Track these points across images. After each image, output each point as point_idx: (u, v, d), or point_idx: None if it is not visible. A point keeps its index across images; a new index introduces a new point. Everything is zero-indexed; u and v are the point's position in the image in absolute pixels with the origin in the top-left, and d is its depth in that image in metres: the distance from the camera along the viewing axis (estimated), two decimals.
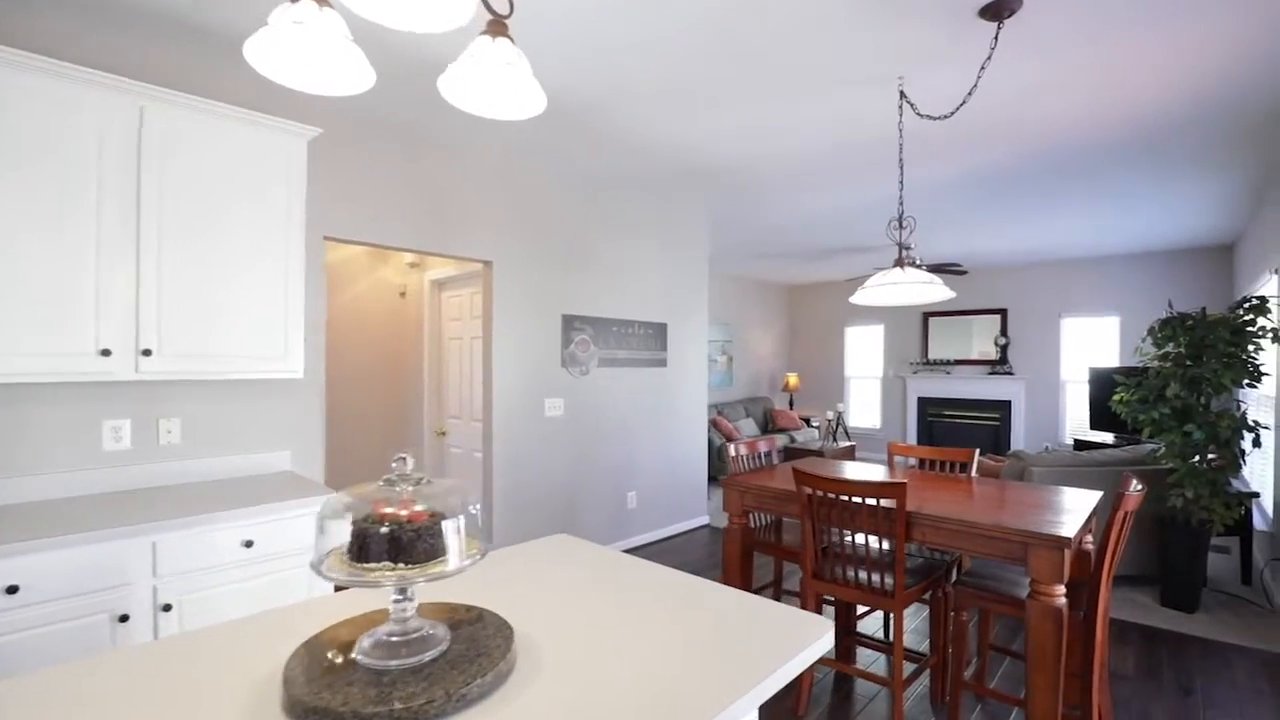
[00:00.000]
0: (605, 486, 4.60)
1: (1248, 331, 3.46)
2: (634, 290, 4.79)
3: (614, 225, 4.62)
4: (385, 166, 3.39)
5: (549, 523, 4.21)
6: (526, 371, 4.06)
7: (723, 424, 7.45)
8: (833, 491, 2.34)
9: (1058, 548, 1.94)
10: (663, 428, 5.04)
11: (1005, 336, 7.93)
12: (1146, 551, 3.94)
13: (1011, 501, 2.41)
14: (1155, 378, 3.67)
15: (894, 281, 2.58)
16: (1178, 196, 4.58)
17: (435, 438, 4.72)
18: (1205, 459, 3.48)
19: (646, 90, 2.89)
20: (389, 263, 4.97)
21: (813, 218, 5.28)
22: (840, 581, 2.43)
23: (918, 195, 4.57)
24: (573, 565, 1.65)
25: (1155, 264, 6.91)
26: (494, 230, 3.87)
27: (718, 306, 8.65)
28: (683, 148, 3.64)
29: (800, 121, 3.19)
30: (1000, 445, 7.98)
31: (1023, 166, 3.89)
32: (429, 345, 4.72)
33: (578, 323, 4.35)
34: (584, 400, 4.42)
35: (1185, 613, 3.60)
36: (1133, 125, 3.23)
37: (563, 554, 1.75)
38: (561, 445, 4.28)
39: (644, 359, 4.85)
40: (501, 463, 3.93)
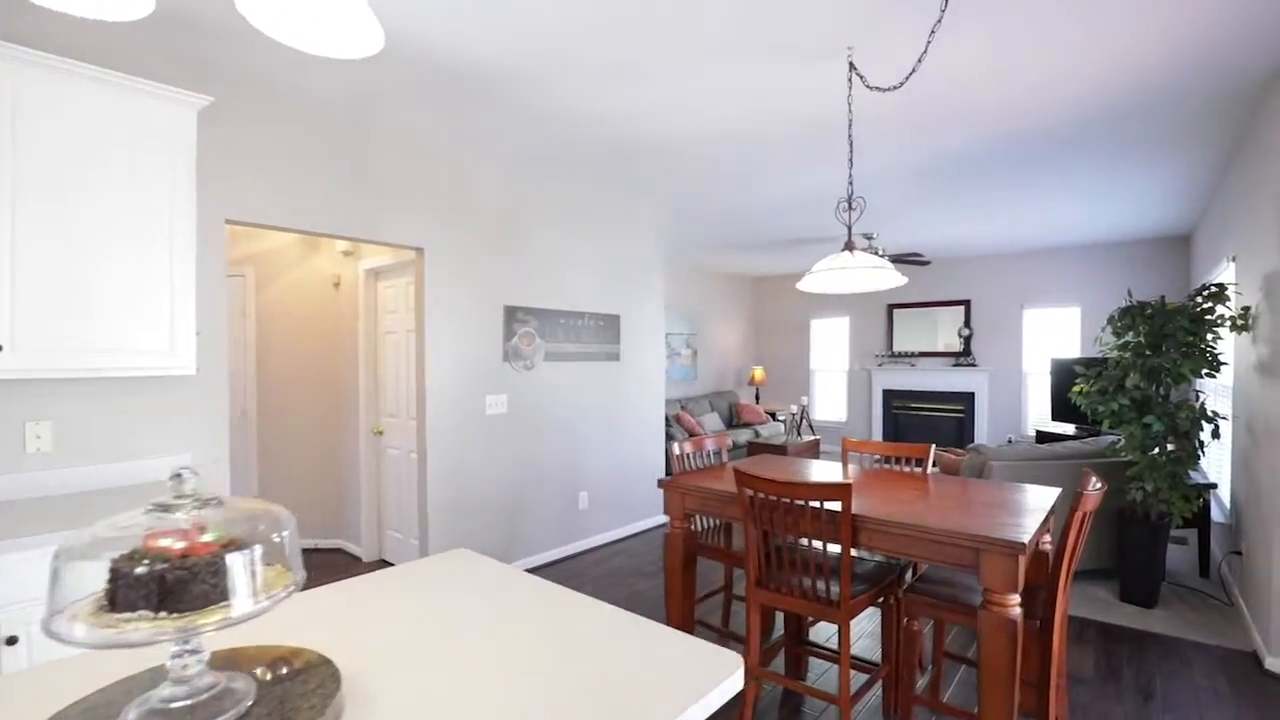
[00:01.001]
0: (554, 487, 4.37)
1: (1206, 320, 3.36)
2: (583, 280, 4.56)
3: (560, 212, 4.38)
4: (301, 145, 3.10)
5: (491, 528, 3.97)
6: (465, 367, 3.81)
7: (685, 419, 7.26)
8: (774, 493, 2.15)
9: (1011, 554, 1.77)
10: (617, 424, 4.83)
11: (969, 328, 7.88)
12: (1105, 545, 3.85)
13: (966, 501, 2.25)
14: (1115, 368, 3.57)
15: (841, 266, 2.39)
16: (1136, 185, 4.50)
17: (372, 437, 4.43)
18: (1165, 451, 3.38)
19: (580, 63, 2.66)
20: (321, 251, 4.66)
21: (770, 205, 5.10)
22: (785, 590, 2.24)
23: (876, 183, 4.41)
24: (456, 590, 1.42)
25: (1115, 254, 6.90)
26: (426, 215, 3.60)
27: (681, 299, 8.46)
28: (624, 125, 3.42)
29: (746, 96, 2.98)
30: (965, 437, 7.94)
31: (980, 154, 3.75)
32: (364, 339, 4.43)
33: (521, 314, 4.10)
34: (529, 396, 4.18)
35: (1144, 608, 3.51)
36: (1087, 109, 3.10)
37: (451, 575, 1.52)
38: (505, 444, 4.04)
39: (595, 352, 4.62)
40: (438, 465, 3.68)
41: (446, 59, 2.67)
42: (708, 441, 2.98)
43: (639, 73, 2.75)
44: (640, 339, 5.04)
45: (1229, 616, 3.39)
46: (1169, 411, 3.33)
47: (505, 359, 4.02)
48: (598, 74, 2.78)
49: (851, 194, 2.50)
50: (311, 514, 4.64)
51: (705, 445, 2.97)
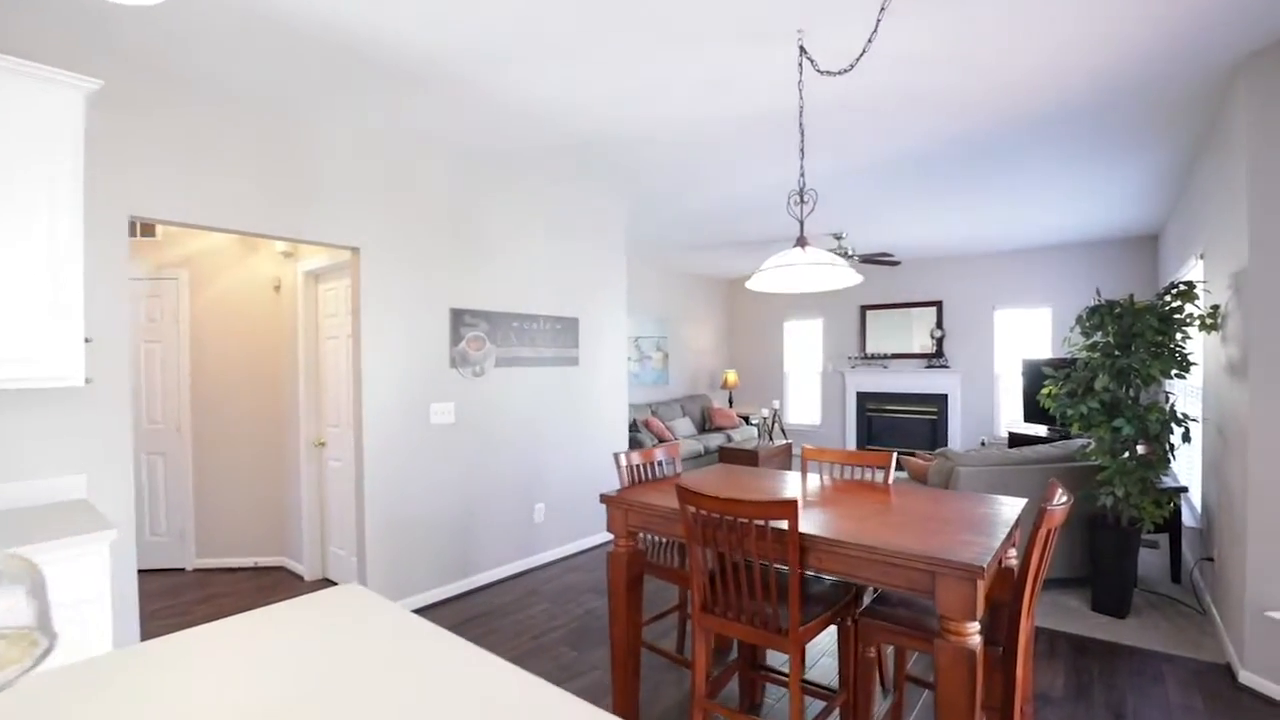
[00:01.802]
0: (507, 500, 4.15)
1: (1175, 319, 3.25)
2: (539, 282, 4.35)
3: (512, 209, 4.18)
4: (220, 137, 2.86)
5: (438, 544, 3.74)
6: (407, 373, 3.58)
7: (655, 424, 7.08)
8: (717, 511, 1.97)
9: (969, 578, 1.61)
10: (576, 432, 4.63)
11: (941, 329, 7.80)
12: (1077, 553, 3.73)
13: (925, 517, 2.08)
14: (1083, 369, 3.45)
15: (790, 263, 2.22)
16: (1102, 182, 4.41)
17: (313, 449, 4.18)
18: (1134, 455, 3.26)
19: (522, 50, 2.46)
20: (261, 252, 4.40)
21: (738, 204, 4.94)
22: (732, 615, 2.06)
23: (840, 180, 4.27)
24: (324, 642, 1.20)
25: (1084, 255, 6.85)
26: (362, 213, 3.37)
27: (652, 301, 8.28)
28: (575, 117, 3.23)
29: (697, 84, 2.81)
30: (938, 439, 7.85)
31: (941, 148, 3.62)
32: (304, 345, 4.18)
33: (469, 317, 3.89)
34: (479, 404, 3.96)
35: (1116, 618, 3.39)
36: (1048, 100, 2.97)
37: (325, 621, 1.31)
38: (453, 455, 3.81)
39: (552, 357, 4.42)
40: (377, 478, 3.45)
41: (378, 47, 2.46)
42: (658, 452, 2.79)
43: (584, 58, 2.56)
44: (601, 343, 4.84)
45: (1201, 626, 3.28)
46: (1139, 414, 3.21)
47: (453, 365, 3.80)
48: (540, 61, 2.59)
49: (803, 186, 2.34)
50: (252, 530, 4.38)
51: (655, 456, 2.78)
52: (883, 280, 8.25)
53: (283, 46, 2.51)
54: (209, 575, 4.26)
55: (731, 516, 1.95)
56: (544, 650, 3.11)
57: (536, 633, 3.33)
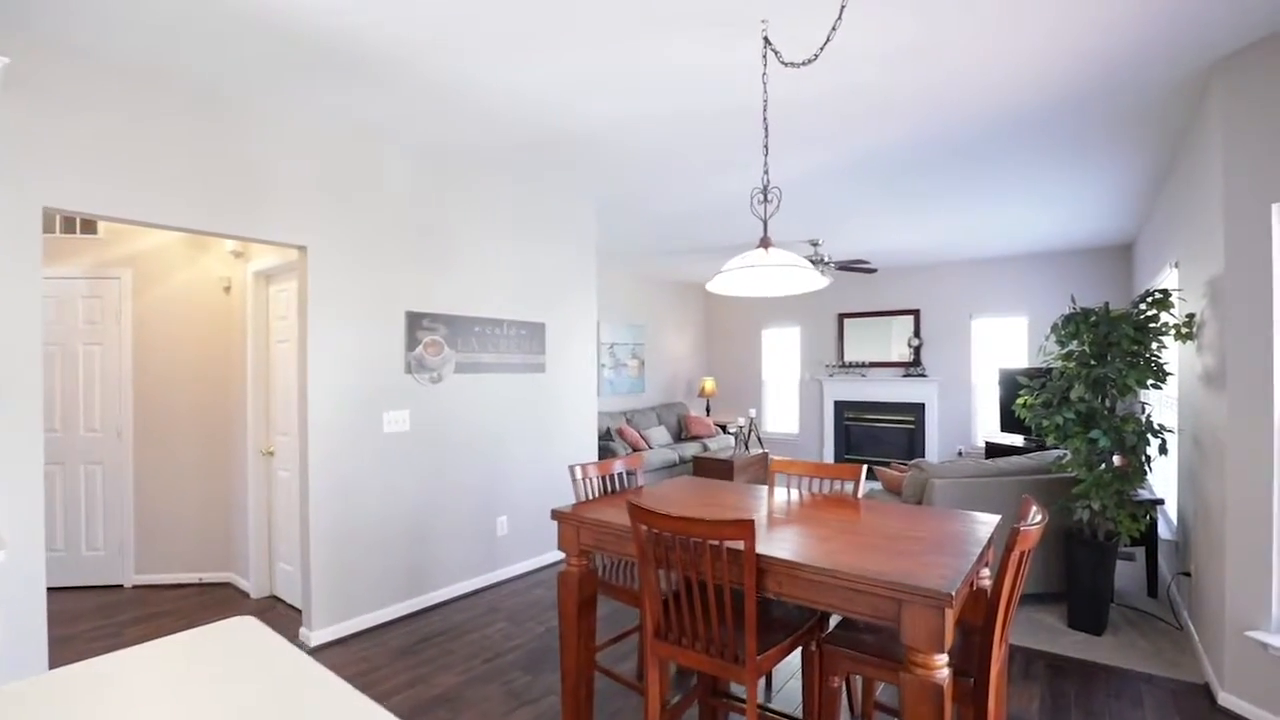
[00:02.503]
0: (467, 512, 3.96)
1: (1151, 328, 3.18)
2: (503, 284, 4.19)
3: (475, 209, 4.01)
4: (153, 125, 2.67)
5: (391, 559, 3.55)
6: (358, 379, 3.39)
7: (629, 433, 6.92)
8: (669, 530, 1.82)
9: (936, 606, 1.47)
10: (542, 441, 4.46)
11: (918, 338, 7.75)
12: (1054, 567, 3.63)
13: (893, 536, 1.95)
14: (1059, 379, 3.36)
15: (752, 264, 2.09)
16: (1076, 189, 4.36)
17: (262, 458, 3.96)
18: (1110, 467, 3.17)
19: (473, 38, 2.31)
20: (210, 251, 4.19)
21: (705, 206, 4.82)
22: (686, 642, 1.91)
23: (814, 184, 4.17)
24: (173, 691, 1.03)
25: (1060, 264, 6.84)
26: (309, 209, 3.19)
27: (628, 308, 8.14)
28: (535, 111, 3.08)
29: (660, 77, 2.68)
30: (915, 449, 7.78)
31: (916, 154, 3.53)
32: (253, 349, 3.97)
33: (427, 321, 3.71)
34: (437, 412, 3.78)
35: (1093, 635, 3.28)
36: (1023, 101, 2.89)
37: (192, 664, 1.13)
38: (408, 465, 3.63)
39: (516, 363, 4.25)
40: (324, 490, 3.25)
41: (324, 33, 2.29)
42: (616, 464, 2.64)
43: (542, 48, 2.42)
44: (569, 349, 4.68)
45: (1179, 642, 3.19)
46: (1115, 425, 3.12)
47: (408, 370, 3.62)
48: (497, 51, 2.44)
49: (767, 184, 2.21)
50: (197, 544, 4.14)
51: (614, 468, 2.63)
52: (861, 288, 8.19)
53: (223, 31, 2.33)
54: (149, 592, 4.02)
55: (685, 536, 1.80)
56: (496, 674, 2.93)
57: (491, 654, 3.15)
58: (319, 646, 3.22)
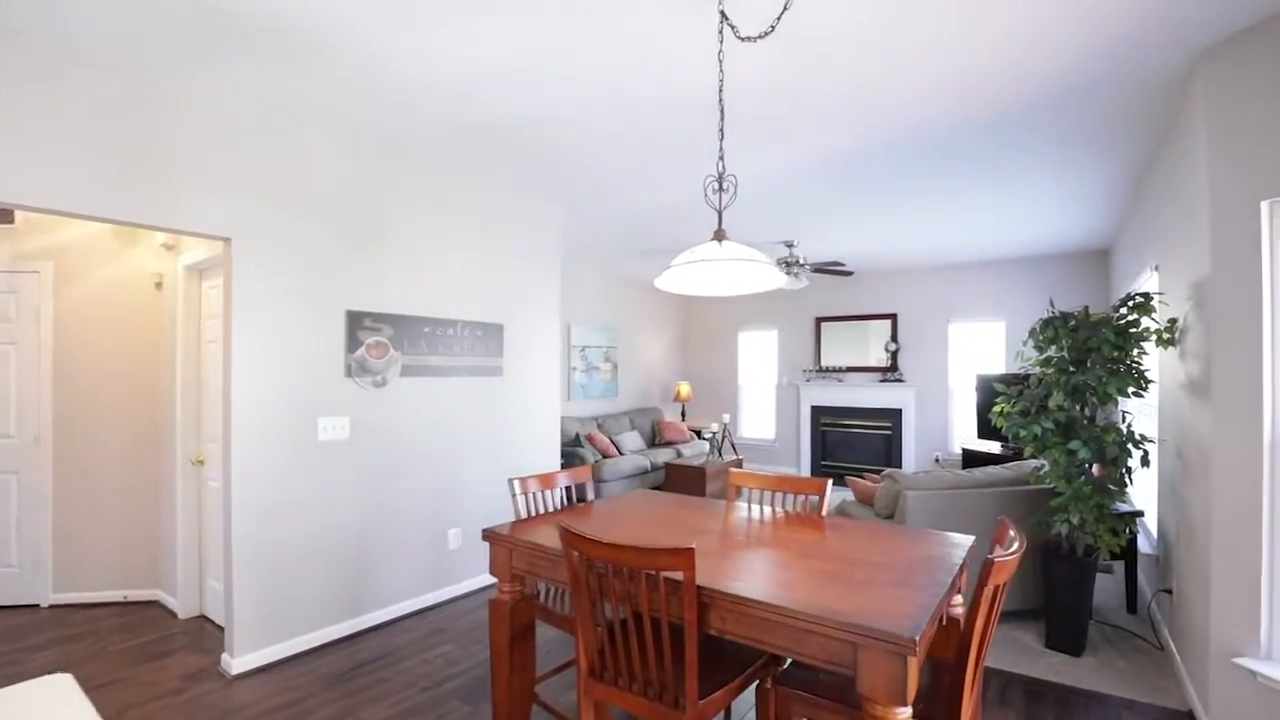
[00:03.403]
0: (415, 525, 3.71)
1: (1131, 333, 3.03)
2: (456, 284, 3.95)
3: (426, 203, 3.77)
4: (55, 101, 2.40)
5: (328, 576, 3.28)
6: (291, 383, 3.13)
7: (599, 439, 6.69)
8: (601, 557, 1.60)
9: (898, 653, 1.27)
10: (499, 448, 4.21)
11: (895, 342, 7.62)
12: (1031, 583, 3.47)
13: (855, 561, 1.75)
14: (1037, 386, 3.20)
15: (704, 258, 1.88)
16: (1052, 190, 4.23)
17: (191, 468, 3.68)
18: (1090, 479, 3.01)
19: (416, 10, 2.08)
20: (140, 244, 3.90)
21: (672, 204, 4.61)
22: (623, 683, 1.69)
23: (782, 182, 3.98)
24: None
25: (1037, 269, 6.75)
26: (236, 197, 2.93)
27: (600, 310, 7.91)
28: (482, 93, 2.85)
29: (612, 52, 2.47)
30: (893, 455, 7.65)
31: (887, 151, 3.36)
32: (183, 349, 3.69)
33: (370, 321, 3.46)
34: (380, 418, 3.52)
35: (1071, 656, 3.12)
36: (995, 101, 2.73)
37: None
38: (346, 476, 3.37)
39: (471, 366, 4.01)
40: (248, 502, 2.99)
41: (243, 7, 2.05)
42: (560, 477, 2.41)
43: (486, 13, 2.20)
44: (529, 352, 4.45)
45: (1160, 664, 3.03)
46: (1095, 435, 2.96)
47: (348, 374, 3.36)
48: (438, 20, 2.21)
49: (723, 172, 2.01)
50: (122, 560, 3.84)
51: (556, 481, 2.40)
52: (838, 292, 8.05)
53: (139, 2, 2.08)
54: (68, 613, 3.71)
55: (618, 565, 1.58)
56: (432, 706, 2.68)
57: (430, 682, 2.90)
58: (241, 675, 2.95)
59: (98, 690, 2.84)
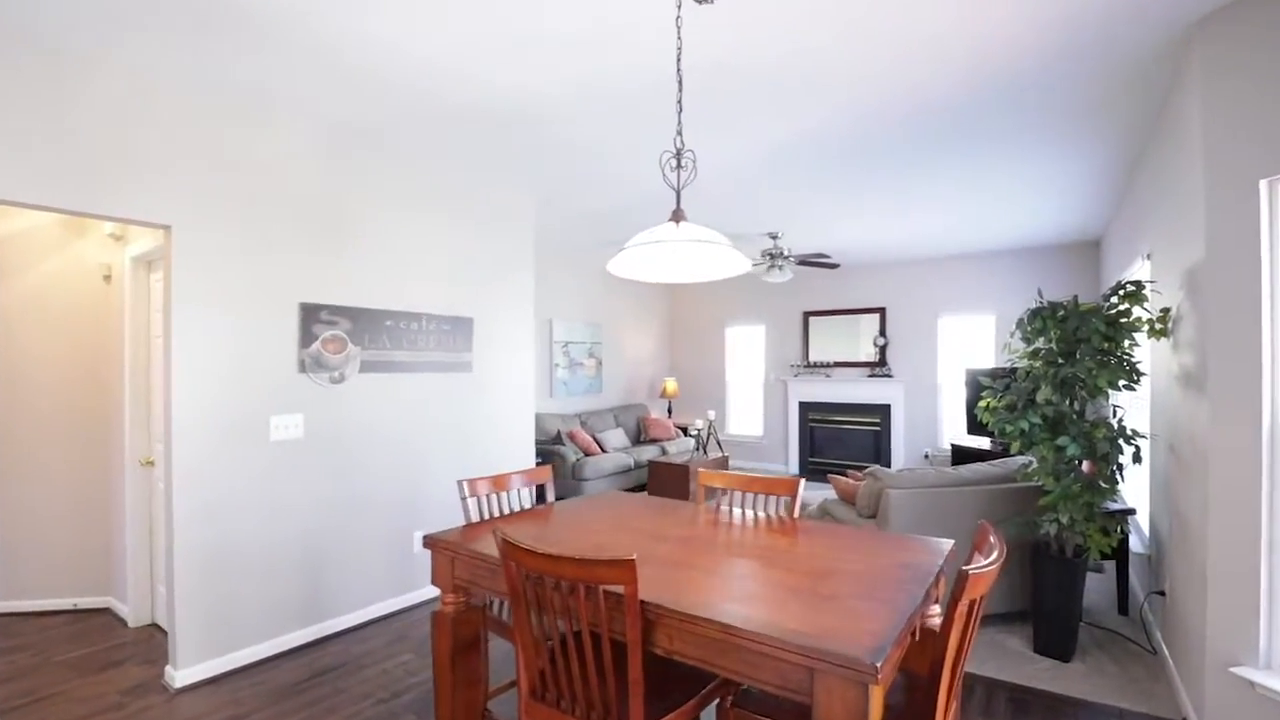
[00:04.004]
0: (377, 528, 3.54)
1: (1122, 324, 2.89)
2: (421, 276, 3.77)
3: (388, 192, 3.59)
4: None
5: (282, 582, 3.12)
6: (239, 380, 2.96)
7: (581, 436, 6.53)
8: (537, 569, 1.44)
9: (858, 680, 1.12)
10: (468, 447, 4.05)
11: (884, 337, 7.49)
12: (1019, 585, 3.33)
13: (820, 571, 1.60)
14: (1024, 380, 3.06)
15: (659, 240, 1.72)
16: (1044, 178, 4.09)
17: (141, 469, 3.50)
18: (1079, 477, 2.87)
19: None
20: (88, 235, 3.71)
21: (654, 195, 4.46)
22: (565, 706, 1.53)
23: (762, 169, 3.83)
24: None
25: (1027, 261, 6.62)
26: (177, 182, 2.75)
27: (584, 304, 7.74)
28: (444, 77, 2.68)
29: (579, 36, 2.31)
30: (881, 452, 7.52)
31: (865, 133, 3.21)
32: (131, 345, 3.51)
33: (326, 314, 3.28)
34: (338, 416, 3.35)
35: (1060, 661, 2.99)
36: (976, 80, 2.57)
37: None
38: (302, 476, 3.20)
39: (437, 362, 3.84)
40: (194, 508, 2.82)
41: None
42: (514, 478, 2.26)
43: None
44: (501, 347, 4.28)
45: (1153, 669, 2.90)
46: (1085, 431, 2.82)
47: (303, 370, 3.19)
48: (381, 7, 2.04)
49: (681, 148, 1.85)
50: (72, 565, 3.66)
51: (510, 483, 2.24)
52: (826, 285, 7.91)
53: None
54: (12, 622, 3.53)
55: (556, 578, 1.43)
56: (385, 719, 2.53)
57: (388, 693, 2.75)
58: (186, 688, 2.79)
59: (33, 705, 2.67)
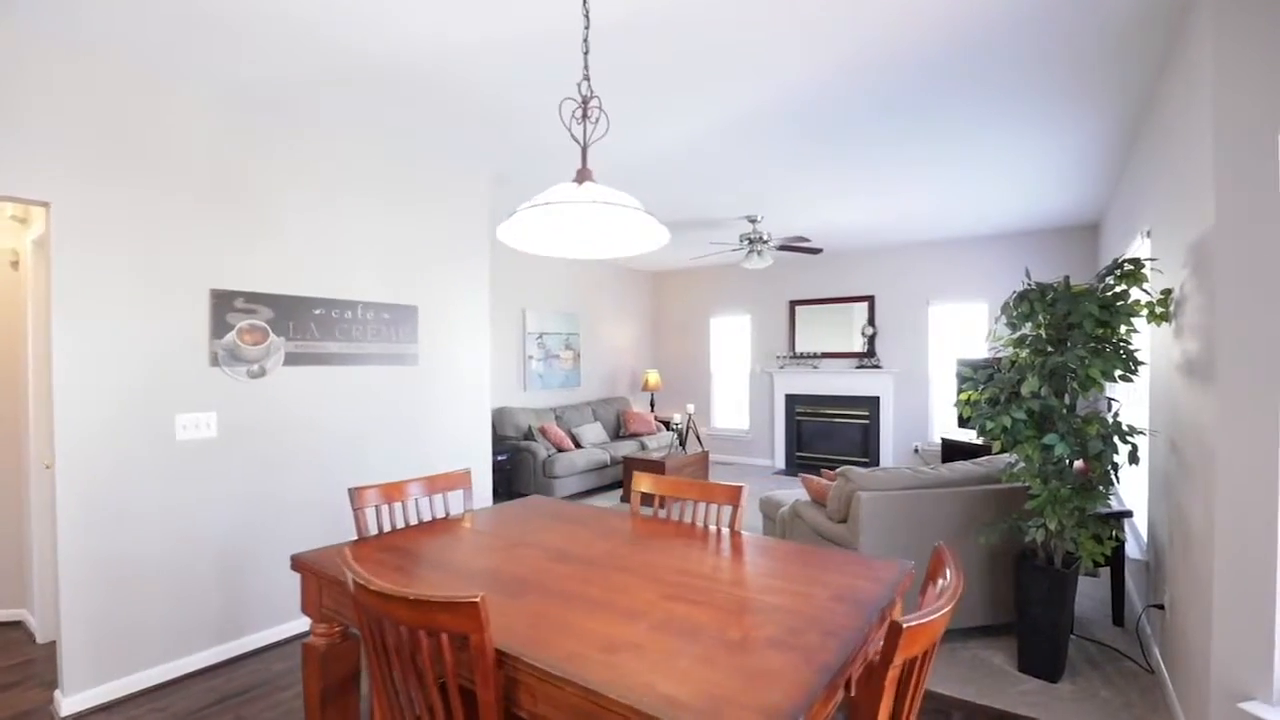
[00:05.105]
0: (305, 535, 3.26)
1: (1119, 307, 2.58)
2: (355, 260, 3.47)
3: (316, 169, 3.28)
4: None
5: (194, 596, 2.83)
6: (137, 372, 2.66)
7: (553, 431, 6.23)
8: (372, 606, 1.15)
9: None
10: (414, 446, 3.75)
11: (873, 326, 7.18)
12: (1002, 595, 3.05)
13: (741, 606, 1.30)
14: (1009, 370, 2.76)
15: (556, 200, 1.41)
16: (1039, 150, 3.77)
17: (46, 472, 3.21)
18: (1069, 479, 2.58)
19: None
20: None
21: (618, 165, 4.14)
22: None
23: (733, 141, 3.52)
24: None
25: (1022, 245, 6.30)
26: (59, 153, 2.44)
27: (560, 294, 7.43)
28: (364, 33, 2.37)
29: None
30: (870, 445, 7.23)
31: (846, 93, 2.90)
32: (34, 338, 3.21)
33: (243, 301, 2.98)
34: (259, 413, 3.06)
35: (1048, 682, 2.70)
36: (970, 37, 2.26)
37: None
38: (215, 479, 2.91)
39: (377, 354, 3.54)
40: (82, 513, 2.53)
41: None
42: (412, 486, 1.96)
43: None
44: (452, 337, 3.98)
45: (1149, 691, 2.62)
46: (1075, 428, 2.52)
47: (215, 363, 2.90)
48: None
49: (589, 96, 1.54)
50: None
51: (407, 492, 1.95)
52: (814, 273, 7.59)
53: None
54: None
55: (394, 621, 1.13)
56: None
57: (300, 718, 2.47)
58: (73, 716, 2.50)
59: None
